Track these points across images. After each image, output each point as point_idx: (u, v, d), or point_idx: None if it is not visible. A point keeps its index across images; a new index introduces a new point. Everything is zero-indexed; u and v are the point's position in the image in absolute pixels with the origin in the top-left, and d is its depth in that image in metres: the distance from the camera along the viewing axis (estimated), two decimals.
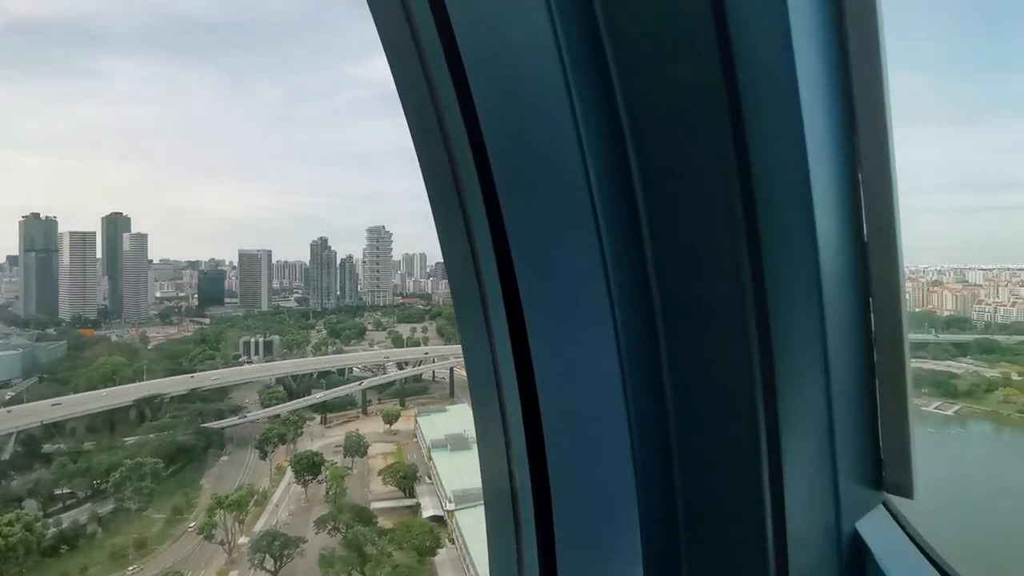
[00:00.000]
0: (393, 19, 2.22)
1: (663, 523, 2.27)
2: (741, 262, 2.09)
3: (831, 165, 2.22)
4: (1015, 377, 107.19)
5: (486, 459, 2.71)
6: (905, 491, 2.54)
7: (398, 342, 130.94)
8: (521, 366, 2.33)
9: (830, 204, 2.21)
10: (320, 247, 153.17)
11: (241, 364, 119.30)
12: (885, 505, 2.61)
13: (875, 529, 2.41)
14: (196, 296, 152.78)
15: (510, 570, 2.52)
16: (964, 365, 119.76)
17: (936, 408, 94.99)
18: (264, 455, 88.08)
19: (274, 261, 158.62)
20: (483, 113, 2.18)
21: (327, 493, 79.60)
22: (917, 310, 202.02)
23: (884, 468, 2.49)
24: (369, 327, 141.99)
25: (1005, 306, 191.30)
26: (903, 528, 2.61)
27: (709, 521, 2.30)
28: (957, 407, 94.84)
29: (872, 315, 2.37)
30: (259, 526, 73.65)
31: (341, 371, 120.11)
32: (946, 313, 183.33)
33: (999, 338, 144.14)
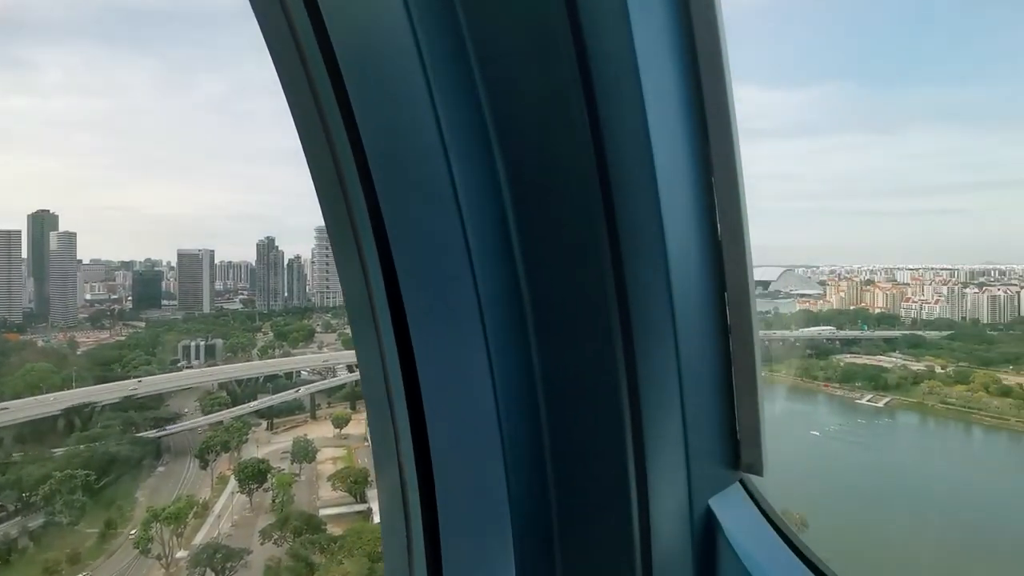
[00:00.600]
0: (278, 30, 2.30)
1: (537, 511, 2.47)
2: (604, 263, 2.28)
3: (684, 171, 2.39)
4: (938, 370, 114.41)
5: (379, 462, 2.84)
6: (757, 469, 2.77)
7: (348, 344, 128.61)
8: (407, 369, 2.45)
9: (684, 207, 2.40)
10: (267, 247, 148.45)
11: (180, 369, 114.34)
12: (742, 483, 2.86)
13: (728, 505, 2.67)
14: (130, 298, 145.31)
15: (401, 569, 2.66)
16: (893, 359, 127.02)
17: (868, 400, 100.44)
18: (205, 464, 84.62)
19: (217, 261, 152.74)
20: (362, 122, 2.28)
21: (273, 501, 77.31)
22: (852, 308, 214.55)
23: (740, 449, 2.72)
24: (318, 329, 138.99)
25: (929, 303, 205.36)
26: (756, 503, 2.86)
27: (580, 508, 2.52)
28: (887, 399, 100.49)
29: (727, 308, 2.59)
30: (199, 538, 70.79)
31: (289, 375, 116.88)
32: (877, 310, 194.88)
33: (924, 333, 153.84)
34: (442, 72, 2.10)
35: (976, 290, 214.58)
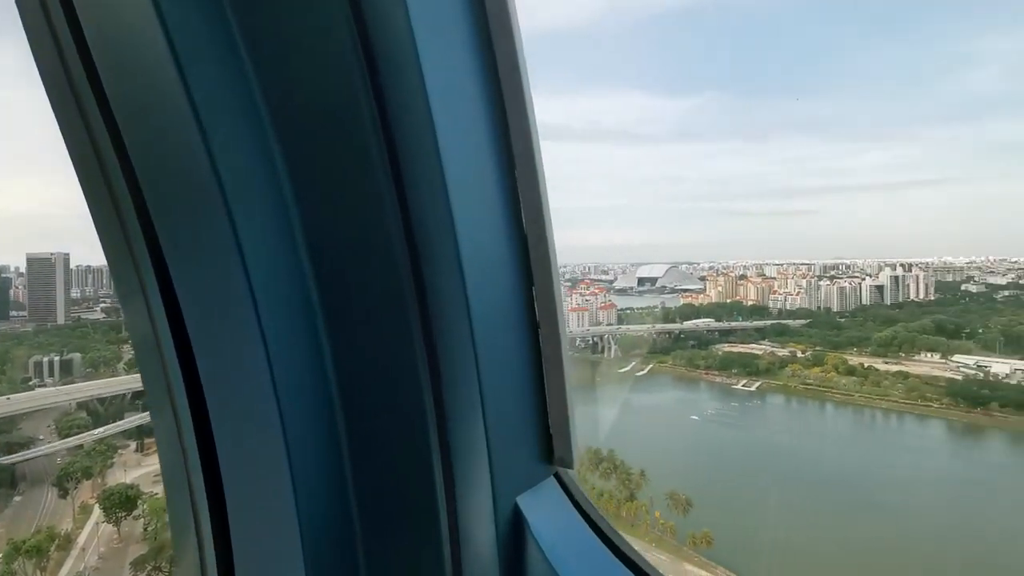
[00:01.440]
0: (37, 28, 2.18)
1: (336, 517, 2.36)
2: (399, 260, 2.20)
3: (480, 167, 2.34)
4: (799, 355, 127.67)
5: (167, 472, 2.67)
6: (568, 463, 2.74)
7: None
8: (188, 371, 2.36)
9: (480, 203, 2.35)
10: None
11: (32, 388, 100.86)
12: (558, 478, 2.81)
13: (537, 502, 2.60)
14: None
15: None
16: (763, 347, 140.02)
17: (743, 385, 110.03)
18: (65, 493, 75.36)
19: (73, 266, 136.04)
20: (124, 129, 2.19)
21: (145, 530, 70.29)
22: (728, 301, 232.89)
23: (552, 443, 2.67)
24: None
25: (792, 295, 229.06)
26: (571, 497, 2.83)
27: (386, 511, 2.41)
28: (758, 383, 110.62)
29: (535, 303, 2.54)
30: (63, 573, 62.95)
31: None
32: (750, 302, 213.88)
33: (788, 322, 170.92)
34: (206, 68, 1.99)
35: (828, 283, 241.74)
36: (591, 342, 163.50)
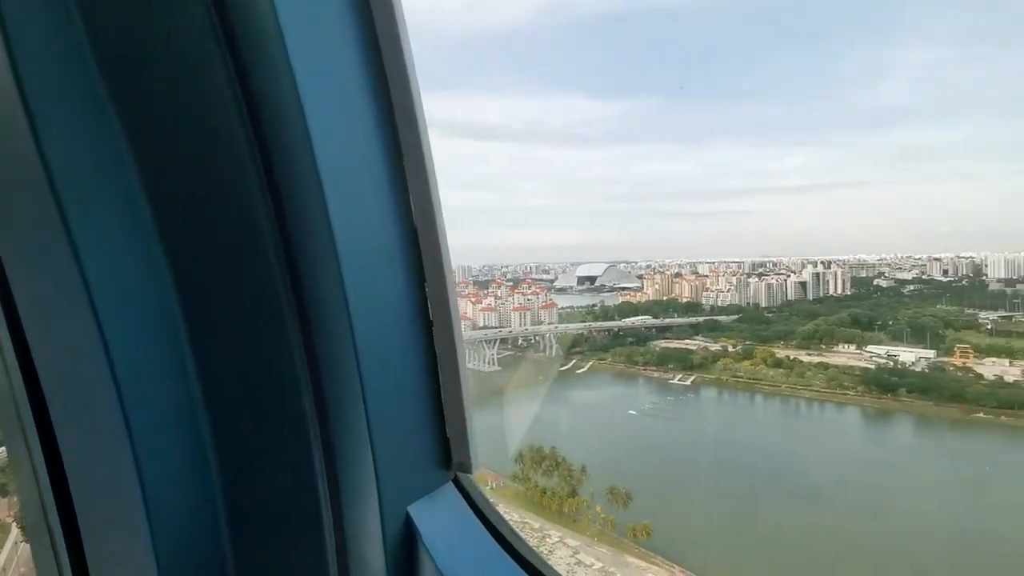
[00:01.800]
0: None
1: (201, 539, 2.18)
2: (271, 256, 2.06)
3: (364, 158, 2.25)
4: (730, 349, 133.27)
5: (22, 492, 2.42)
6: (467, 468, 2.57)
7: None
8: (30, 382, 2.16)
9: (366, 194, 2.25)
10: None
11: None
12: (458, 483, 2.63)
13: (432, 510, 2.42)
14: None
15: None
16: (697, 342, 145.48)
17: (679, 380, 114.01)
18: None
19: None
20: None
21: None
22: (665, 298, 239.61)
23: (450, 448, 2.51)
24: None
25: (723, 292, 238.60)
26: (472, 503, 2.64)
27: (262, 529, 2.24)
28: (693, 378, 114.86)
29: (428, 300, 2.38)
30: None
31: None
32: (685, 300, 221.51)
33: (720, 318, 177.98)
34: (49, 72, 1.76)
35: (756, 280, 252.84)
36: (533, 341, 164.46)
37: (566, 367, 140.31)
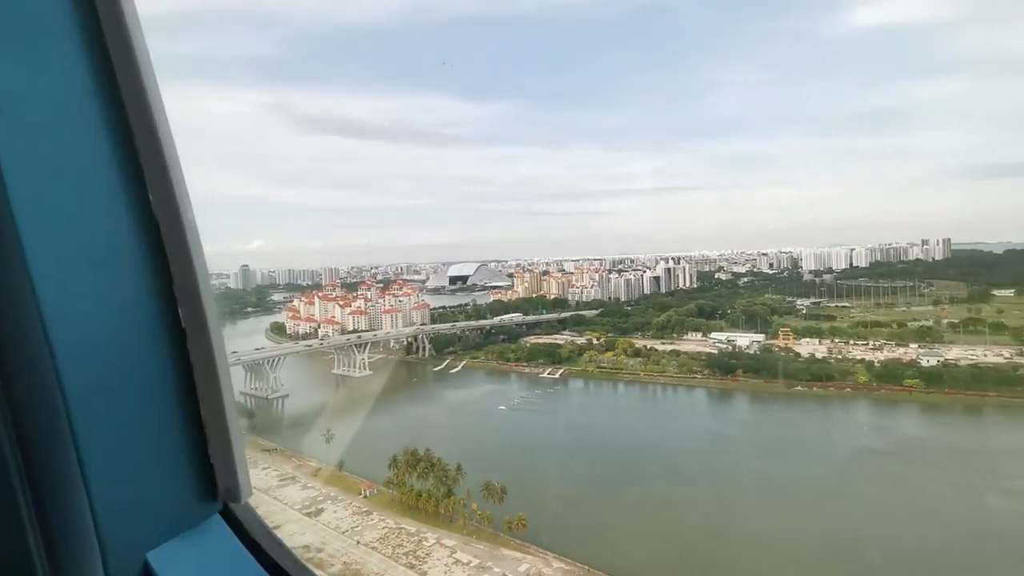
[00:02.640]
0: None
1: None
2: None
3: (79, 150, 2.06)
4: (595, 342, 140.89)
5: None
6: (235, 496, 2.32)
7: None
8: None
9: (79, 189, 2.03)
10: None
11: None
12: (227, 512, 2.36)
13: (184, 550, 2.14)
14: None
15: None
16: (565, 337, 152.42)
17: (548, 374, 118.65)
18: None
19: None
20: None
21: None
22: (534, 296, 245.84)
23: (215, 475, 2.25)
24: None
25: (587, 288, 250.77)
26: (243, 532, 2.39)
27: None
28: (561, 371, 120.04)
29: (179, 305, 2.13)
30: None
31: None
32: (553, 296, 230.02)
33: (584, 313, 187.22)
34: None
35: (617, 276, 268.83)
36: (405, 343, 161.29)
37: (440, 367, 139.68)
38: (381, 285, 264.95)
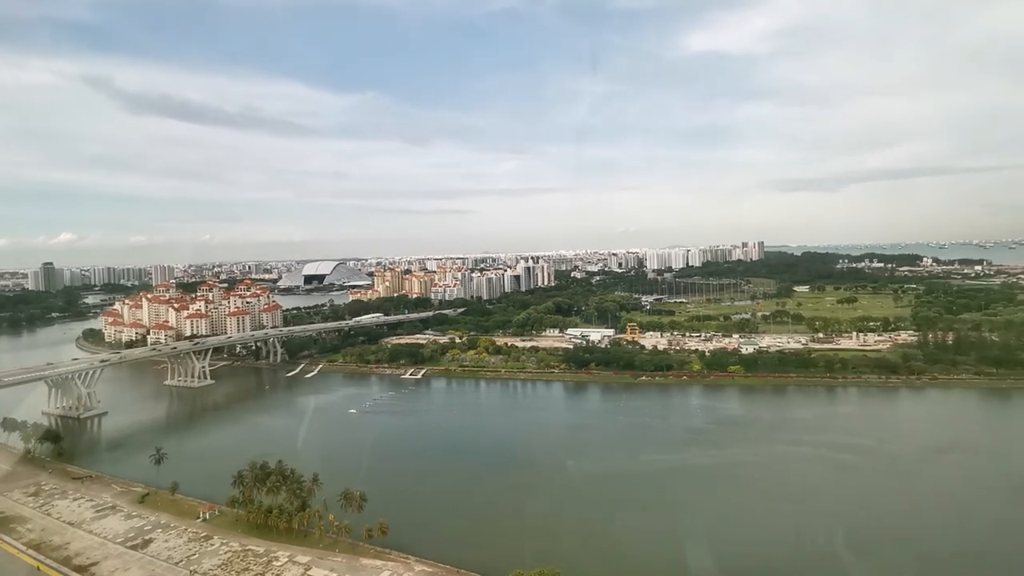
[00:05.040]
0: None
1: None
2: None
3: None
4: (457, 340, 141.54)
5: None
6: None
7: None
8: None
9: None
10: None
11: None
12: None
13: None
14: None
15: None
16: (427, 336, 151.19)
17: (410, 374, 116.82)
18: None
19: None
20: None
21: None
22: (396, 295, 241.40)
23: None
24: None
25: (450, 287, 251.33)
26: None
27: None
28: (424, 370, 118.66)
29: None
30: None
31: None
32: (415, 295, 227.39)
33: (447, 312, 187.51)
34: None
35: (479, 275, 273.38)
36: (253, 348, 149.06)
37: (294, 372, 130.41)
38: (225, 285, 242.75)
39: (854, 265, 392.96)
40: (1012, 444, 71.52)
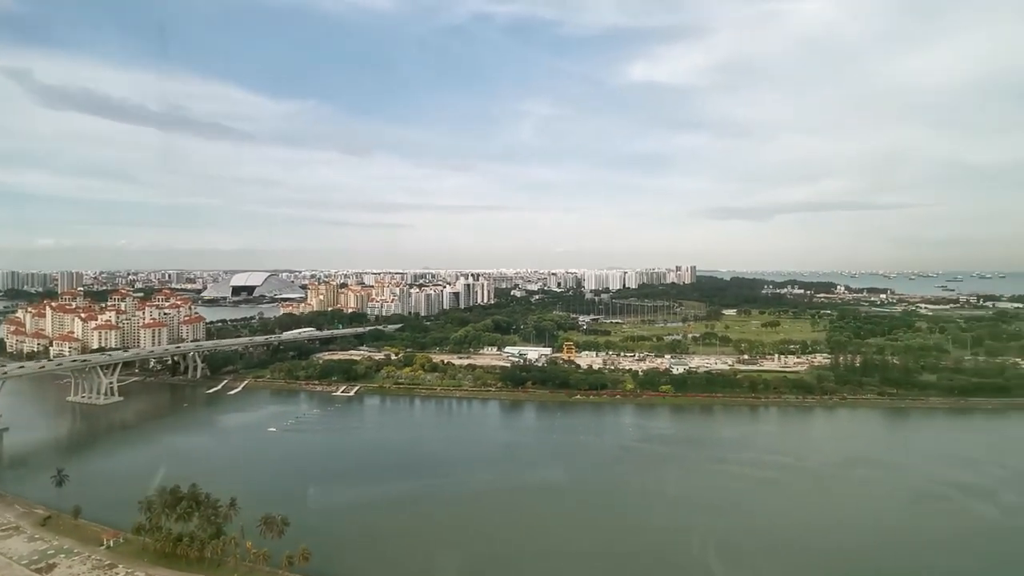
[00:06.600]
0: None
1: None
2: None
3: None
4: (393, 357, 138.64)
5: None
6: None
7: None
8: None
9: None
10: None
11: None
12: None
13: None
14: None
15: None
16: (362, 352, 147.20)
17: (343, 391, 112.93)
18: None
19: None
20: None
21: None
22: (330, 309, 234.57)
23: None
24: None
25: (387, 302, 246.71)
26: None
27: None
28: (357, 387, 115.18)
29: None
30: None
31: None
32: (351, 310, 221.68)
33: (383, 328, 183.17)
34: None
35: (417, 290, 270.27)
36: (171, 362, 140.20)
37: (215, 389, 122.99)
38: (141, 295, 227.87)
39: (778, 291, 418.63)
40: (908, 458, 77.20)
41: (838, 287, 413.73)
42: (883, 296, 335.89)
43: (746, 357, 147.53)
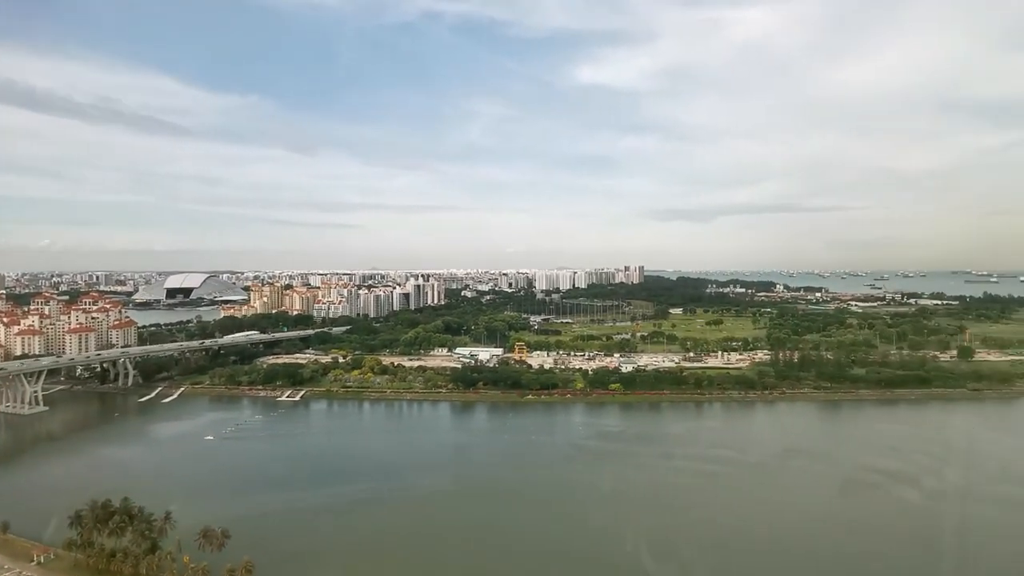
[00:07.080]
0: None
1: None
2: None
3: None
4: (341, 360, 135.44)
5: None
6: None
7: None
8: None
9: None
10: None
11: None
12: None
13: None
14: None
15: None
16: (308, 356, 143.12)
17: (287, 396, 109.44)
18: None
19: None
20: None
21: None
22: (274, 312, 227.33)
23: None
24: None
25: (335, 304, 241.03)
26: None
27: None
28: (303, 392, 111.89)
29: None
30: None
31: None
32: (296, 312, 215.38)
33: (331, 330, 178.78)
34: None
35: (366, 291, 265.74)
36: (99, 369, 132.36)
37: (148, 397, 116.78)
38: (67, 298, 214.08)
39: (721, 290, 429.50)
40: (840, 448, 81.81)
41: (777, 286, 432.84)
42: (818, 295, 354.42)
43: (692, 355, 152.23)
